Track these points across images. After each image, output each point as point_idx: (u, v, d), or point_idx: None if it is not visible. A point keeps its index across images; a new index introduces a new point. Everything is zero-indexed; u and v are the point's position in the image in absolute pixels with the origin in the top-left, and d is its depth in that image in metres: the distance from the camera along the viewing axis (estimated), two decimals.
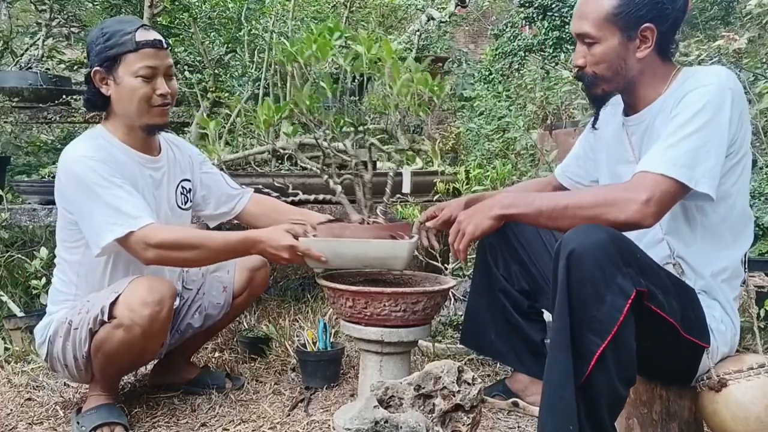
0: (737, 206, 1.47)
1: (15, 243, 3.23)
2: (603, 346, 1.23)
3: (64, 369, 1.82)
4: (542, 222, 1.45)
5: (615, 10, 1.45)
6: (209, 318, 2.06)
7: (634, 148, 1.56)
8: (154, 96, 1.78)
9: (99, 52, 1.76)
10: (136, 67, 1.74)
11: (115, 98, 1.79)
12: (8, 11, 4.83)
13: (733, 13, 5.98)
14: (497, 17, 8.44)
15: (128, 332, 1.69)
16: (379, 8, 5.42)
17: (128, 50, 1.74)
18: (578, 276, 1.25)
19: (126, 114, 1.81)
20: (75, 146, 1.79)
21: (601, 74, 1.51)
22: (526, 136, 3.82)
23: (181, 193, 2.00)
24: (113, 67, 1.76)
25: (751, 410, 1.35)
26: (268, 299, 3.09)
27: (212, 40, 3.61)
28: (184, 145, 2.08)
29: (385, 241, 1.66)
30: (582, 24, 1.49)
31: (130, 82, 1.75)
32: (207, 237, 1.77)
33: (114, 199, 1.70)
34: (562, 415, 1.25)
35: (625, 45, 1.47)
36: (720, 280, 1.48)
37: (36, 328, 1.90)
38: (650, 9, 1.44)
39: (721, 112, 1.37)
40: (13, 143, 4.02)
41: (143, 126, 1.82)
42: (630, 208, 1.32)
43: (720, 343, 1.44)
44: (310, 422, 1.87)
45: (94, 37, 1.79)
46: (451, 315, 2.64)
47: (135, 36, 1.74)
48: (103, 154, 1.75)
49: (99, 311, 1.69)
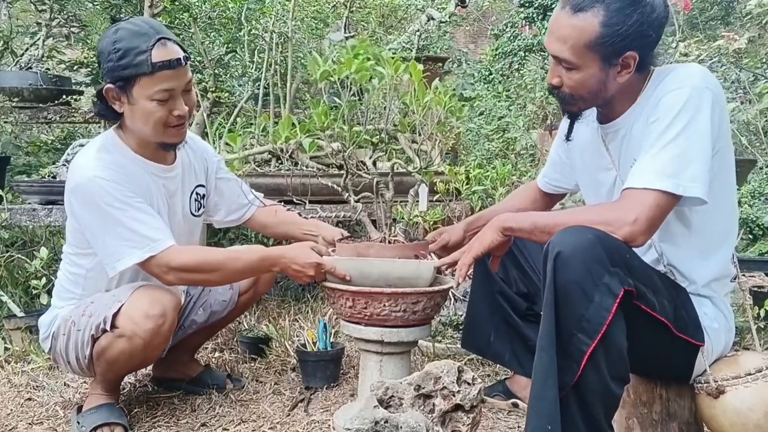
0: (726, 206, 1.47)
1: (15, 243, 3.23)
2: (593, 345, 1.24)
3: (67, 365, 1.83)
4: (536, 236, 1.46)
5: (598, 39, 1.37)
6: (214, 314, 2.06)
7: (612, 155, 1.55)
8: (170, 117, 1.68)
9: (112, 69, 1.63)
10: (151, 91, 1.63)
11: (128, 116, 1.71)
12: (8, 11, 4.83)
13: (733, 13, 5.98)
14: (497, 17, 8.44)
15: (130, 343, 1.68)
16: (379, 8, 5.41)
17: (143, 72, 1.61)
18: (565, 276, 1.25)
19: (139, 132, 1.74)
20: (86, 161, 1.69)
21: (579, 96, 1.47)
22: (526, 136, 3.82)
23: (195, 200, 1.96)
24: (126, 88, 1.64)
25: (749, 417, 1.34)
26: (268, 299, 3.09)
27: (212, 40, 3.61)
28: (199, 147, 2.01)
29: (410, 261, 1.68)
30: (560, 48, 1.41)
31: (146, 106, 1.65)
32: (227, 258, 1.77)
33: (132, 222, 1.66)
34: (542, 414, 1.25)
35: (605, 72, 1.41)
36: (710, 280, 1.47)
37: (40, 321, 1.89)
38: (634, 38, 1.37)
39: (699, 112, 1.34)
40: (13, 143, 4.02)
41: (159, 144, 1.77)
42: (621, 230, 1.31)
43: (714, 341, 1.44)
44: (310, 422, 1.87)
45: (106, 49, 1.65)
46: (451, 315, 2.64)
47: (151, 56, 1.60)
48: (115, 171, 1.68)
49: (101, 320, 1.68)
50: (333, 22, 4.43)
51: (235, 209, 2.09)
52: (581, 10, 1.38)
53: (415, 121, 1.76)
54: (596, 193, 1.64)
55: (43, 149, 4.30)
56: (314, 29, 3.85)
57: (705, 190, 1.32)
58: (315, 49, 3.81)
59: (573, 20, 1.39)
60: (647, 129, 1.40)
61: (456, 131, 1.83)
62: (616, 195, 1.52)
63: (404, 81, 1.76)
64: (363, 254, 1.70)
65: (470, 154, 4.51)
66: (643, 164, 1.36)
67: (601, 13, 1.36)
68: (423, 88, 1.71)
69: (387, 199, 1.84)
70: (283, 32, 3.30)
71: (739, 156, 3.50)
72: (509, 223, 1.52)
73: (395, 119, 1.88)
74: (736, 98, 3.58)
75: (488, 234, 1.55)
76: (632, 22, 1.35)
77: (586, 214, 1.44)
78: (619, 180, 1.52)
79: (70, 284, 1.84)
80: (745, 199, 3.41)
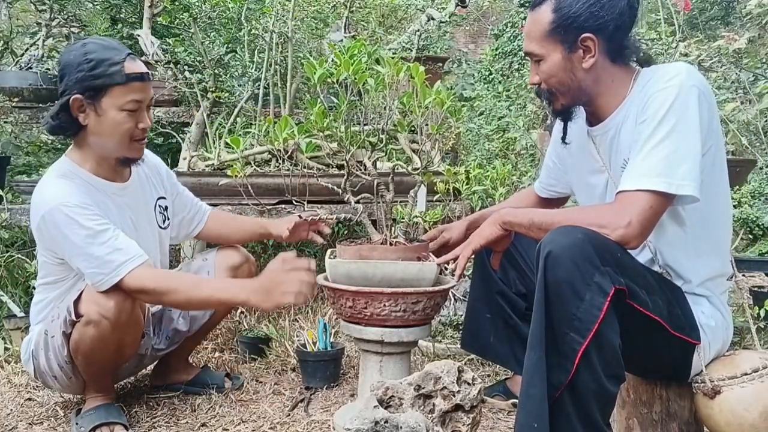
0: (719, 203, 1.47)
1: (15, 243, 3.23)
2: (585, 344, 1.24)
3: (54, 381, 1.82)
4: (534, 232, 1.47)
5: (551, 25, 1.45)
6: (195, 320, 2.05)
7: (603, 157, 1.55)
8: (136, 130, 1.74)
9: (82, 79, 1.67)
10: (123, 100, 1.68)
11: (92, 129, 1.72)
12: (8, 11, 4.83)
13: (733, 13, 5.99)
14: (497, 17, 8.44)
15: (98, 327, 1.66)
16: (379, 8, 5.41)
17: (117, 83, 1.66)
18: (556, 275, 1.26)
19: (102, 145, 1.75)
20: (48, 189, 1.70)
21: (555, 88, 1.51)
22: (526, 136, 3.83)
23: (159, 213, 1.97)
24: (96, 98, 1.68)
25: (745, 418, 1.34)
26: None
27: (212, 40, 3.60)
28: (151, 160, 2.01)
29: (413, 263, 1.69)
30: (528, 43, 1.51)
31: (115, 116, 1.69)
32: (193, 286, 1.73)
33: (96, 248, 1.65)
34: (530, 412, 1.26)
35: (568, 58, 1.47)
36: (706, 278, 1.47)
37: (21, 347, 1.89)
38: (585, 19, 1.42)
39: (687, 111, 1.35)
40: (13, 143, 4.02)
41: (119, 159, 1.79)
42: (615, 233, 1.32)
43: (712, 339, 1.44)
44: (310, 422, 1.87)
45: (75, 60, 1.68)
46: (451, 315, 2.64)
47: (124, 68, 1.67)
48: (77, 196, 1.68)
49: (66, 312, 1.69)
50: (333, 22, 4.43)
51: (186, 224, 2.11)
52: (538, 5, 1.49)
53: (414, 122, 1.77)
54: (589, 196, 1.65)
55: (43, 149, 4.29)
56: (314, 29, 3.84)
57: (697, 188, 1.32)
58: (315, 49, 3.81)
59: (533, 15, 1.50)
60: (636, 129, 1.41)
61: (456, 131, 1.83)
62: (609, 197, 1.53)
63: (402, 80, 1.76)
64: (366, 257, 1.70)
65: (470, 154, 4.51)
66: (634, 166, 1.36)
67: (553, 1, 1.46)
68: (425, 89, 1.71)
69: (387, 200, 1.84)
70: (283, 32, 3.30)
71: (739, 156, 3.50)
72: (508, 217, 1.54)
73: (394, 119, 1.88)
74: (736, 98, 3.58)
75: (487, 228, 1.58)
76: (581, 4, 1.42)
77: (582, 214, 1.44)
78: (611, 182, 1.53)
79: (42, 309, 1.85)
80: (745, 199, 3.41)
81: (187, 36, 3.75)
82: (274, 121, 1.99)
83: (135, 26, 4.20)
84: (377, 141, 1.95)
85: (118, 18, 4.43)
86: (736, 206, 3.37)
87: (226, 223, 2.16)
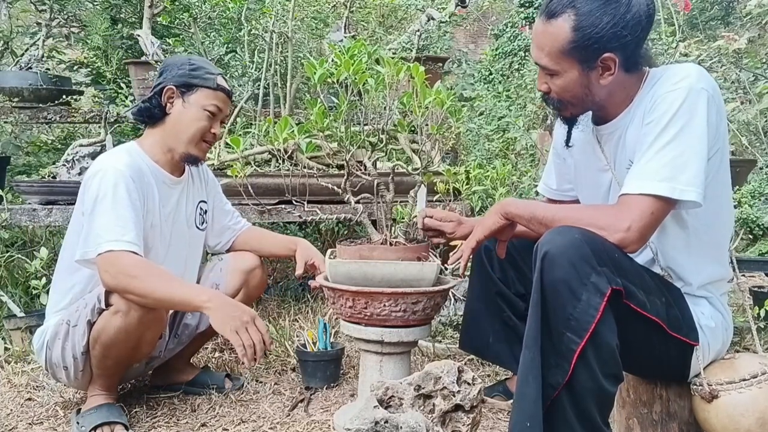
0: (722, 207, 1.46)
1: (15, 243, 3.23)
2: (582, 344, 1.24)
3: (64, 371, 1.82)
4: (534, 225, 1.47)
5: (571, 44, 1.37)
6: (204, 320, 2.06)
7: (608, 156, 1.55)
8: (208, 132, 1.92)
9: (180, 75, 1.89)
10: (208, 102, 1.89)
11: (174, 118, 1.90)
12: (8, 11, 4.83)
13: (733, 13, 5.98)
14: (497, 17, 8.43)
15: (125, 318, 1.70)
16: (379, 8, 5.40)
17: (208, 86, 1.90)
18: (553, 276, 1.26)
19: (176, 135, 1.90)
20: (112, 155, 1.85)
21: (566, 101, 1.47)
22: (526, 136, 3.82)
23: (199, 214, 2.08)
24: (187, 93, 1.89)
25: (741, 423, 1.35)
26: (268, 299, 3.09)
27: (212, 40, 3.60)
28: (203, 167, 2.14)
29: (414, 263, 1.69)
30: (539, 55, 1.43)
31: (197, 112, 1.89)
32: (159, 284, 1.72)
33: (123, 212, 1.73)
34: (523, 411, 1.26)
35: (586, 75, 1.41)
36: (706, 281, 1.47)
37: (34, 336, 1.91)
38: (609, 40, 1.36)
39: (695, 115, 1.33)
40: (13, 143, 4.02)
41: (184, 154, 1.91)
42: (613, 236, 1.31)
43: (711, 340, 1.44)
44: (310, 422, 1.87)
45: (179, 62, 1.93)
46: (451, 315, 2.64)
47: (217, 79, 1.92)
48: (133, 171, 1.81)
49: (96, 300, 1.72)
50: (333, 22, 4.42)
51: (218, 233, 2.18)
52: (553, 16, 1.39)
53: (414, 122, 1.77)
54: (593, 195, 1.64)
55: (43, 149, 4.30)
56: (314, 29, 3.84)
57: (701, 194, 1.31)
58: (315, 49, 3.81)
59: (547, 27, 1.40)
60: (642, 130, 1.39)
61: (456, 131, 1.83)
62: (613, 196, 1.52)
63: (402, 80, 1.76)
64: (366, 257, 1.70)
65: (470, 154, 4.50)
66: (638, 169, 1.35)
67: (572, 17, 1.37)
68: (425, 89, 1.71)
69: (387, 200, 1.84)
70: (283, 32, 3.30)
71: (739, 156, 3.49)
72: (510, 207, 1.54)
73: (394, 119, 1.89)
74: (736, 98, 3.58)
75: (489, 218, 1.58)
76: (604, 24, 1.35)
77: (583, 213, 1.43)
78: (614, 182, 1.52)
79: (60, 297, 1.87)
80: (745, 199, 3.40)
81: (187, 36, 3.75)
82: (274, 121, 2.00)
83: (135, 26, 4.20)
84: (377, 141, 1.95)
85: (118, 18, 4.42)
86: (736, 206, 3.36)
87: (253, 246, 2.20)
